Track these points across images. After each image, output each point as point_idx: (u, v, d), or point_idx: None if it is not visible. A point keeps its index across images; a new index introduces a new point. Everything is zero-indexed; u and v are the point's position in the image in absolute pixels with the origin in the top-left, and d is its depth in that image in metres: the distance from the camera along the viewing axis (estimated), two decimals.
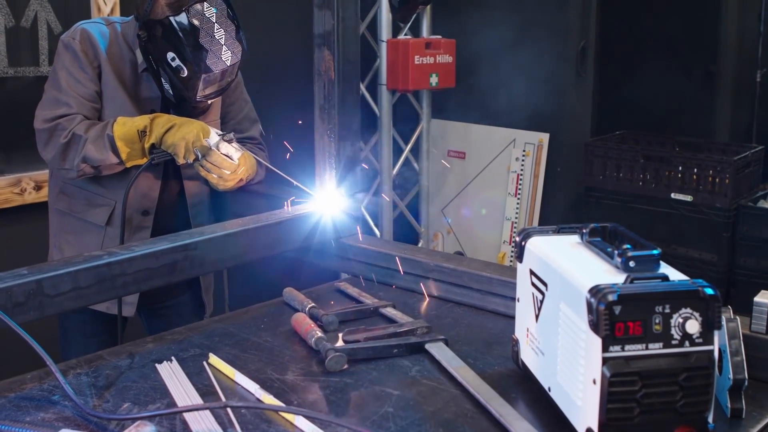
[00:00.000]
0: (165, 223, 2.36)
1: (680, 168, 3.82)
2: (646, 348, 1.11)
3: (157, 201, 2.37)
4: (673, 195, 3.83)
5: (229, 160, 2.24)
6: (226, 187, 2.31)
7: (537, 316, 1.34)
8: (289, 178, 2.18)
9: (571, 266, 1.24)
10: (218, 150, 2.22)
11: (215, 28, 2.12)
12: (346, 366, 1.49)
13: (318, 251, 2.08)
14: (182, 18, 2.10)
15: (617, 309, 1.11)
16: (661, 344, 1.12)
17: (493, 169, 4.58)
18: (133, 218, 2.34)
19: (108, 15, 3.30)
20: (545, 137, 4.36)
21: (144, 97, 2.31)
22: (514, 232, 4.47)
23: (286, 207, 2.08)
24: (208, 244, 1.82)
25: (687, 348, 1.12)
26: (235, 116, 2.51)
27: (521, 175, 4.42)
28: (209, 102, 2.32)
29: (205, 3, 2.12)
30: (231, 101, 2.48)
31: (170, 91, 2.23)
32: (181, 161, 2.20)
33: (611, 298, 1.10)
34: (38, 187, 3.20)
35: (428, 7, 4.28)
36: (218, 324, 1.73)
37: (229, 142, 2.25)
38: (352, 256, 2.06)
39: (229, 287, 3.71)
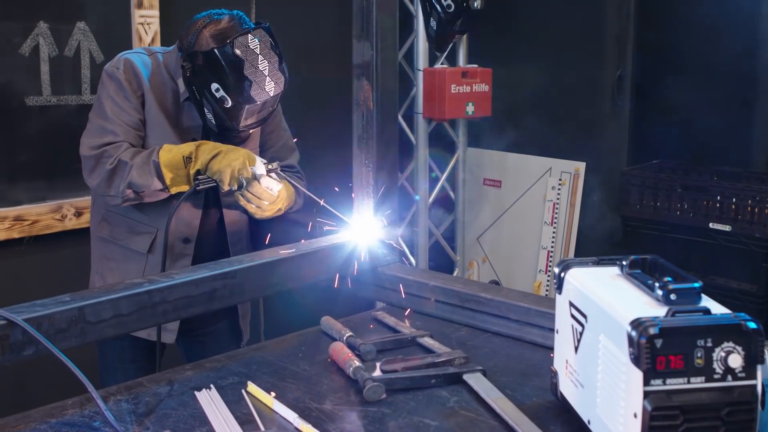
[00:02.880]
0: (205, 251, 2.36)
1: (718, 197, 3.76)
2: (688, 382, 1.10)
3: (198, 229, 2.36)
4: (711, 225, 3.77)
5: (270, 192, 2.24)
6: (264, 216, 2.31)
7: (576, 348, 1.33)
8: (328, 206, 2.16)
9: (612, 299, 1.23)
10: (260, 182, 2.22)
11: (259, 59, 2.12)
12: (384, 396, 1.49)
13: (354, 280, 2.06)
14: (227, 50, 2.11)
15: (659, 342, 1.10)
16: (703, 378, 1.11)
17: (529, 198, 4.56)
18: (174, 246, 2.34)
19: (149, 45, 3.34)
20: (582, 166, 4.34)
21: (185, 126, 2.32)
22: (550, 261, 4.44)
23: (310, 228, 2.10)
24: (247, 273, 1.82)
25: (730, 382, 1.11)
26: (274, 144, 2.51)
27: (557, 204, 4.40)
28: (250, 131, 2.32)
29: (249, 35, 2.12)
30: (270, 130, 2.48)
31: (212, 121, 2.23)
32: (225, 188, 2.18)
33: (653, 331, 1.09)
34: (79, 213, 3.21)
35: (464, 36, 4.29)
36: (256, 352, 1.73)
37: (274, 170, 2.25)
38: (388, 285, 2.05)
39: (265, 315, 3.75)
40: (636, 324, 1.11)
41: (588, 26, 4.20)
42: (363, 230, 2.10)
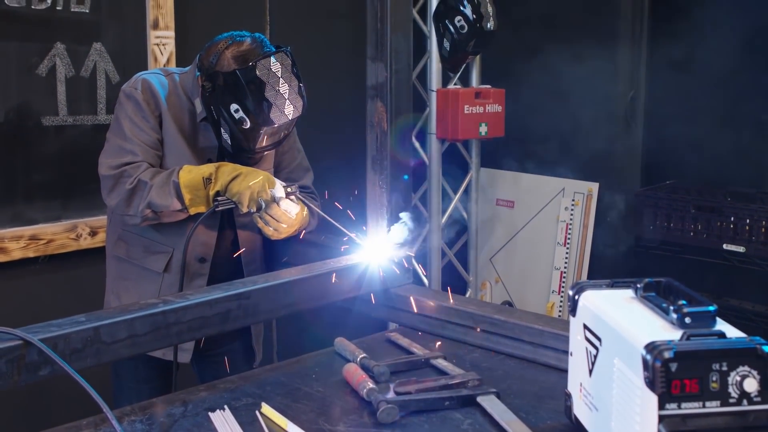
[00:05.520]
0: (220, 271, 2.36)
1: (732, 218, 3.71)
2: (703, 406, 1.09)
3: (213, 249, 2.36)
4: (725, 246, 3.73)
5: (288, 215, 2.24)
6: (279, 238, 2.31)
7: (590, 371, 1.32)
8: (341, 227, 2.18)
9: (626, 322, 1.22)
10: (279, 204, 2.21)
11: (280, 82, 2.12)
12: (398, 418, 1.47)
13: (367, 301, 2.05)
14: (249, 71, 2.11)
15: (673, 366, 1.09)
16: (718, 402, 1.10)
17: (543, 219, 4.50)
18: (190, 265, 2.33)
19: (164, 65, 3.35)
20: (595, 187, 4.31)
21: (201, 146, 2.32)
22: (563, 282, 4.40)
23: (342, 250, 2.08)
24: (262, 294, 1.81)
25: (745, 407, 1.10)
26: (289, 165, 2.51)
27: (570, 224, 4.36)
28: (265, 153, 2.32)
29: (272, 58, 2.13)
30: (284, 150, 2.48)
31: (228, 141, 2.23)
32: (244, 210, 2.18)
33: (668, 355, 1.09)
34: (94, 233, 3.22)
35: (478, 57, 4.28)
36: (270, 373, 1.72)
37: (293, 193, 2.25)
38: (400, 306, 2.04)
39: (278, 336, 3.72)
40: (651, 347, 1.10)
41: (600, 47, 4.11)
42: (376, 251, 2.08)
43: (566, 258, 4.40)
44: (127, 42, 3.33)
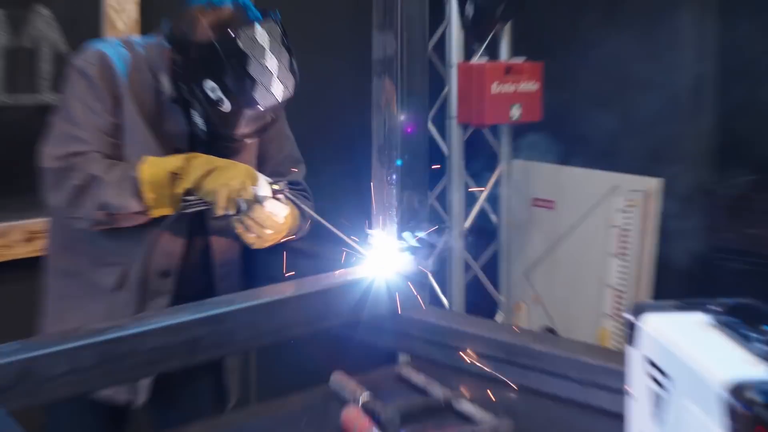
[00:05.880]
0: (187, 288, 2.35)
1: None
2: None
3: (179, 260, 2.36)
4: None
5: (274, 218, 2.24)
6: (262, 246, 2.31)
7: (655, 417, 1.27)
8: (339, 233, 2.17)
9: (700, 354, 1.18)
10: (263, 206, 2.22)
11: (267, 56, 2.13)
12: None
13: (371, 326, 2.05)
14: (230, 43, 2.11)
15: (764, 412, 1.03)
16: None
17: (591, 223, 4.38)
18: (149, 281, 2.32)
19: (124, 34, 3.26)
20: (656, 183, 4.12)
21: (169, 133, 2.31)
22: (619, 303, 4.26)
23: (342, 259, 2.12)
24: (239, 317, 1.81)
25: None
26: (275, 156, 2.51)
27: (626, 230, 4.21)
28: (247, 141, 2.32)
29: (257, 26, 2.14)
30: (270, 138, 2.47)
31: (202, 127, 2.23)
32: (220, 212, 2.18)
33: (758, 399, 1.03)
34: (30, 239, 3.17)
35: (508, 24, 4.25)
36: (248, 418, 1.73)
37: (281, 192, 2.26)
38: (414, 333, 2.04)
39: (258, 369, 3.59)
40: (735, 390, 1.05)
41: (662, 12, 4.04)
42: (383, 263, 2.09)
43: (621, 273, 4.25)
44: (78, 6, 3.29)
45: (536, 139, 4.40)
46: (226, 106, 2.16)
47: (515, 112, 4.11)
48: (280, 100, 2.19)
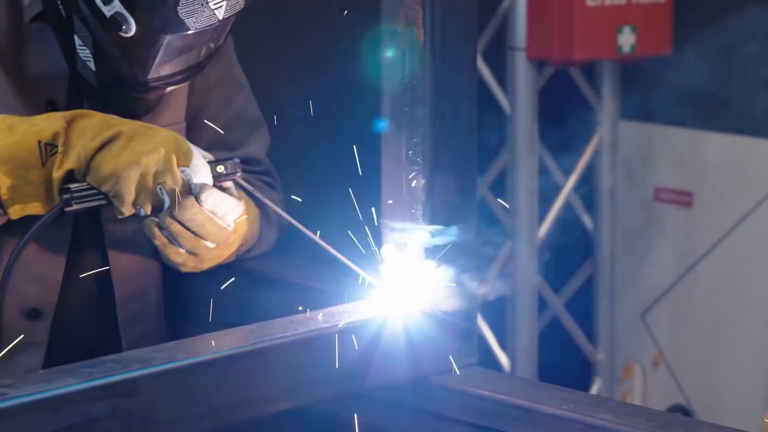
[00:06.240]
0: (71, 336, 2.30)
1: None
2: None
3: (59, 291, 2.27)
4: None
5: (217, 221, 2.12)
6: (199, 269, 2.20)
7: None
8: (326, 245, 2.05)
9: None
10: (200, 200, 2.10)
11: None
12: None
13: (379, 401, 1.98)
14: None
15: None
16: None
17: (757, 231, 4.11)
18: (11, 325, 2.18)
19: None
20: None
21: (34, 74, 2.24)
22: None
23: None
24: (158, 386, 1.70)
25: None
26: (218, 114, 2.41)
27: None
28: (167, 89, 2.20)
29: None
30: (209, 86, 2.39)
31: (91, 66, 2.13)
32: (126, 211, 2.05)
33: None
34: None
35: None
36: None
37: (230, 177, 2.14)
38: (448, 414, 1.94)
39: None
40: None
41: None
42: (399, 297, 1.96)
43: None
44: None
45: (662, 89, 4.08)
46: (131, 27, 2.07)
47: (626, 41, 3.96)
48: (220, 19, 2.07)
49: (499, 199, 4.29)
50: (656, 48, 4.03)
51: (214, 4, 2.08)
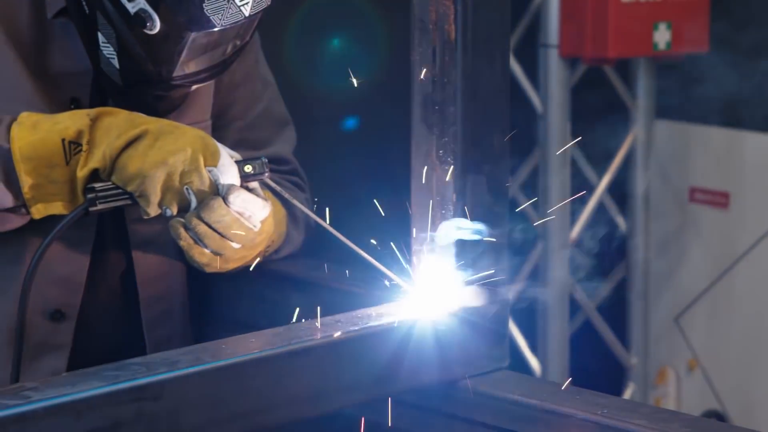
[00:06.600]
0: (96, 339, 2.29)
1: None
2: None
3: (82, 294, 2.24)
4: None
5: (244, 222, 2.10)
6: (224, 269, 2.18)
7: None
8: (355, 246, 2.05)
9: None
10: (227, 201, 2.09)
11: None
12: None
13: (408, 405, 1.97)
14: None
15: None
16: None
17: None
18: (35, 327, 2.18)
19: None
20: None
21: (58, 71, 2.21)
22: None
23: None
24: (184, 389, 1.69)
25: None
26: (244, 114, 2.39)
27: None
28: (191, 87, 2.18)
29: None
30: (235, 83, 2.37)
31: (115, 63, 2.11)
32: (151, 212, 2.03)
33: None
34: None
35: None
36: None
37: (258, 177, 2.13)
38: (482, 419, 1.93)
39: None
40: None
41: None
42: (428, 299, 1.96)
43: None
44: None
45: (699, 87, 4.07)
46: (156, 24, 2.04)
47: (662, 38, 3.93)
48: (247, 15, 2.04)
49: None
50: (692, 45, 4.02)
51: (241, 1, 2.06)
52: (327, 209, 2.24)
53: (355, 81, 2.98)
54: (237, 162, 2.14)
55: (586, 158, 4.29)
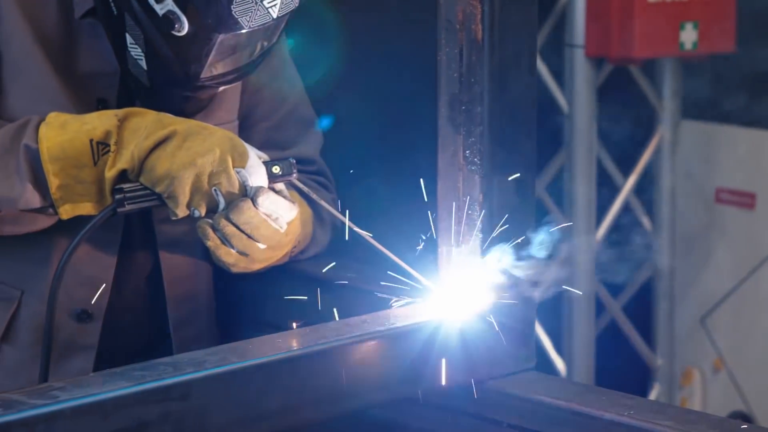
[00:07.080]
0: (122, 339, 2.31)
1: None
2: None
3: (109, 294, 2.25)
4: None
5: (272, 224, 2.11)
6: (249, 270, 2.19)
7: None
8: (381, 247, 2.07)
9: None
10: (256, 203, 2.10)
11: None
12: None
13: (439, 406, 1.98)
14: None
15: None
16: None
17: None
18: (62, 327, 2.19)
19: None
20: None
21: (85, 72, 2.22)
22: None
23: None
24: (211, 389, 1.71)
25: None
26: (269, 116, 2.40)
27: None
28: (219, 88, 2.18)
29: None
30: (261, 85, 2.37)
31: (143, 64, 2.12)
32: (180, 212, 2.04)
33: None
34: None
35: None
36: None
37: (286, 178, 2.14)
38: (508, 420, 1.95)
39: None
40: None
41: None
42: (454, 300, 1.97)
43: None
44: None
45: (724, 88, 4.13)
46: (184, 26, 2.05)
47: (688, 37, 3.96)
48: (275, 17, 2.05)
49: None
50: (719, 45, 4.03)
51: (268, 3, 2.08)
52: (350, 210, 2.25)
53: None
54: (265, 163, 2.15)
55: (611, 158, 4.28)
